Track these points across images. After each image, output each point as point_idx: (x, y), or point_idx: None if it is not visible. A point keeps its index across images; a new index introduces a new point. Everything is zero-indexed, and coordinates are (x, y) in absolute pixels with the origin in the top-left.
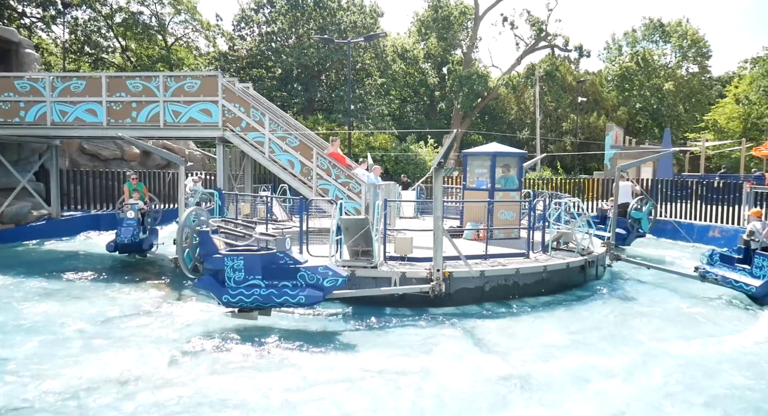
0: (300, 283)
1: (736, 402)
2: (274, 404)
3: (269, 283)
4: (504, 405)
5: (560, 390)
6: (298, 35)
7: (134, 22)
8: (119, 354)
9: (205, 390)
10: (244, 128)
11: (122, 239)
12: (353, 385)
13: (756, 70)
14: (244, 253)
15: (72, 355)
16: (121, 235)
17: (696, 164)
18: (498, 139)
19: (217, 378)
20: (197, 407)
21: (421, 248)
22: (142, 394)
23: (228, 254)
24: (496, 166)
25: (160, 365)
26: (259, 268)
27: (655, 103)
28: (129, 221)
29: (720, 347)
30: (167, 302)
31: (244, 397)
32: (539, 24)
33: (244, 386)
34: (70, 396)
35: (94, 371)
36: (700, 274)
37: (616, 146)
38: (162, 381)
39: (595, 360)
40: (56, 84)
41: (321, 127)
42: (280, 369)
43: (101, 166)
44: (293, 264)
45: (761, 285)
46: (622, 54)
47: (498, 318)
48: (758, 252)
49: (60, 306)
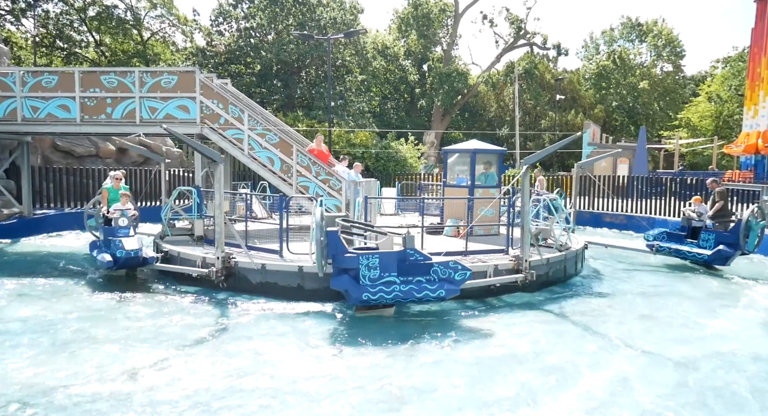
0: (434, 278)
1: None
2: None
3: (404, 279)
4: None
5: (539, 388)
6: (278, 31)
7: (108, 15)
8: (95, 353)
9: (184, 389)
10: (223, 125)
11: (127, 253)
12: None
13: (727, 70)
14: (379, 252)
15: (44, 354)
16: (123, 248)
17: (670, 161)
18: (478, 136)
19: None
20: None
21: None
22: (115, 394)
23: (363, 253)
24: (476, 163)
25: (135, 364)
26: (394, 265)
27: (631, 101)
28: (124, 230)
29: (699, 343)
30: (141, 299)
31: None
32: (518, 22)
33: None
34: (38, 395)
35: (69, 371)
36: (655, 249)
37: (593, 143)
38: (136, 380)
39: (571, 357)
40: (27, 79)
41: (301, 123)
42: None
43: (75, 163)
44: (424, 260)
45: (711, 253)
46: (599, 52)
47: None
48: (704, 229)
49: (31, 306)
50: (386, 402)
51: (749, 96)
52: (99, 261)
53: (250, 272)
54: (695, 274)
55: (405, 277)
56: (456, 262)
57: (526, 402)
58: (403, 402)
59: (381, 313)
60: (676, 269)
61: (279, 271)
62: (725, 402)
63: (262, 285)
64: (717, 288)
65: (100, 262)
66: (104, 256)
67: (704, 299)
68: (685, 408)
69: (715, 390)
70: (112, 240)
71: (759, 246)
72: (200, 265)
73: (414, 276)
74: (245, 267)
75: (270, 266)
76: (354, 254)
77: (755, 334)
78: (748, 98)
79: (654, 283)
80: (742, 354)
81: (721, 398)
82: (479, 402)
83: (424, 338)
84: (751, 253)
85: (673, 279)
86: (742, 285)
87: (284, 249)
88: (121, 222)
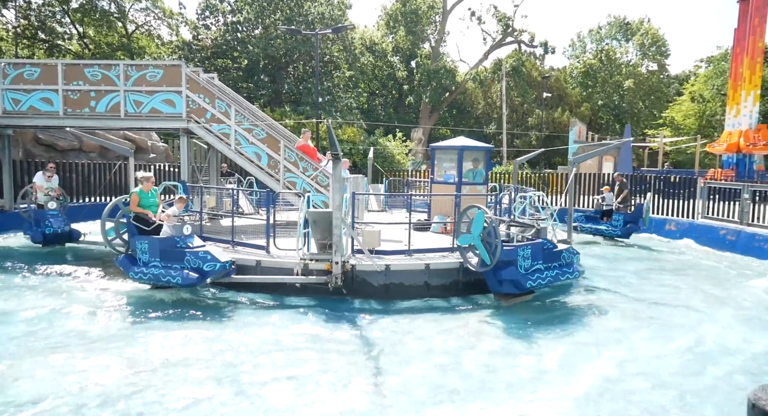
0: (564, 263)
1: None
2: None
3: (547, 266)
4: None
5: (519, 385)
6: (265, 26)
7: (92, 7)
8: (85, 352)
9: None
10: (209, 119)
11: (54, 229)
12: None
13: (710, 69)
14: (530, 243)
15: (36, 350)
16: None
17: (654, 159)
18: (465, 133)
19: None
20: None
21: (388, 241)
22: (92, 390)
23: (519, 245)
24: (463, 160)
25: (114, 361)
26: (540, 254)
27: (617, 100)
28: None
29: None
30: (122, 293)
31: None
32: (506, 20)
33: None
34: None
35: (52, 368)
36: (579, 229)
37: (579, 141)
38: (112, 371)
39: (553, 355)
40: (8, 71)
41: (288, 119)
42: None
43: (58, 156)
44: (554, 248)
45: (621, 230)
46: (586, 51)
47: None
48: (615, 211)
49: (14, 301)
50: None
51: (731, 95)
52: (32, 237)
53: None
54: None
55: (547, 264)
56: (570, 248)
57: (515, 398)
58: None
59: (524, 299)
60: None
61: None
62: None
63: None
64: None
65: (184, 279)
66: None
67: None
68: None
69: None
70: (189, 253)
71: (647, 226)
72: None
73: (552, 262)
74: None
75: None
76: (512, 247)
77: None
78: (730, 98)
79: (639, 281)
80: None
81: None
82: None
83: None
84: (643, 231)
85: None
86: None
87: (271, 245)
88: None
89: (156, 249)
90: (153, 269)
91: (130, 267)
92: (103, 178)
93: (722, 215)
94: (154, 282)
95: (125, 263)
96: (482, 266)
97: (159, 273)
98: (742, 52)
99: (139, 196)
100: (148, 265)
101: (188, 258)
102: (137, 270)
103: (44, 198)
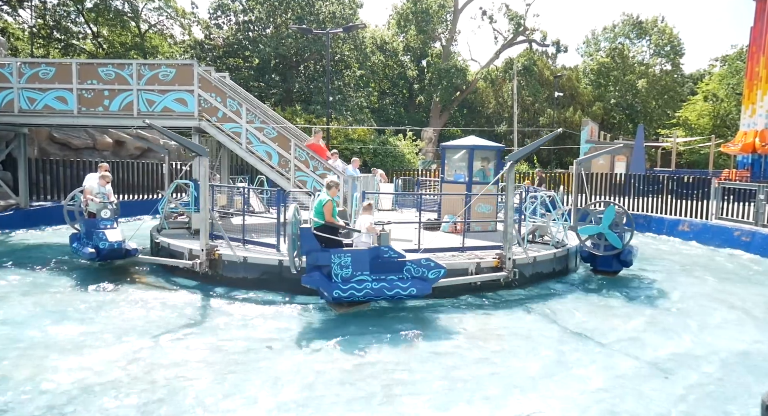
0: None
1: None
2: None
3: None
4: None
5: (532, 385)
6: (276, 25)
7: (106, 7)
8: (93, 349)
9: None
10: (221, 118)
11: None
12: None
13: (725, 68)
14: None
15: (43, 348)
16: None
17: (668, 160)
18: (476, 132)
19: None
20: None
21: (398, 240)
22: (109, 392)
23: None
24: (474, 160)
25: (131, 360)
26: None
27: (630, 99)
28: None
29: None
30: (138, 292)
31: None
32: (517, 18)
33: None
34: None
35: (69, 365)
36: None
37: (591, 141)
38: (134, 375)
39: (561, 356)
40: (24, 70)
41: (299, 118)
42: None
43: (72, 155)
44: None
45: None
46: (600, 49)
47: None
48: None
49: (25, 299)
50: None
51: (747, 95)
52: (81, 252)
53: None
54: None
55: (377, 275)
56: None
57: (513, 398)
58: (390, 397)
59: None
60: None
61: (260, 264)
62: None
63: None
64: None
65: (83, 254)
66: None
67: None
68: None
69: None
70: (95, 232)
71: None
72: (187, 257)
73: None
74: (229, 260)
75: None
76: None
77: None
78: (745, 97)
79: (651, 281)
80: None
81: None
82: (462, 398)
83: (399, 335)
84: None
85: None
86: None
87: (281, 243)
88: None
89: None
90: (76, 243)
91: (73, 242)
92: (132, 176)
93: (737, 216)
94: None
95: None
96: (609, 250)
97: (79, 248)
98: (759, 51)
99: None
100: (80, 241)
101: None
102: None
103: (97, 205)
